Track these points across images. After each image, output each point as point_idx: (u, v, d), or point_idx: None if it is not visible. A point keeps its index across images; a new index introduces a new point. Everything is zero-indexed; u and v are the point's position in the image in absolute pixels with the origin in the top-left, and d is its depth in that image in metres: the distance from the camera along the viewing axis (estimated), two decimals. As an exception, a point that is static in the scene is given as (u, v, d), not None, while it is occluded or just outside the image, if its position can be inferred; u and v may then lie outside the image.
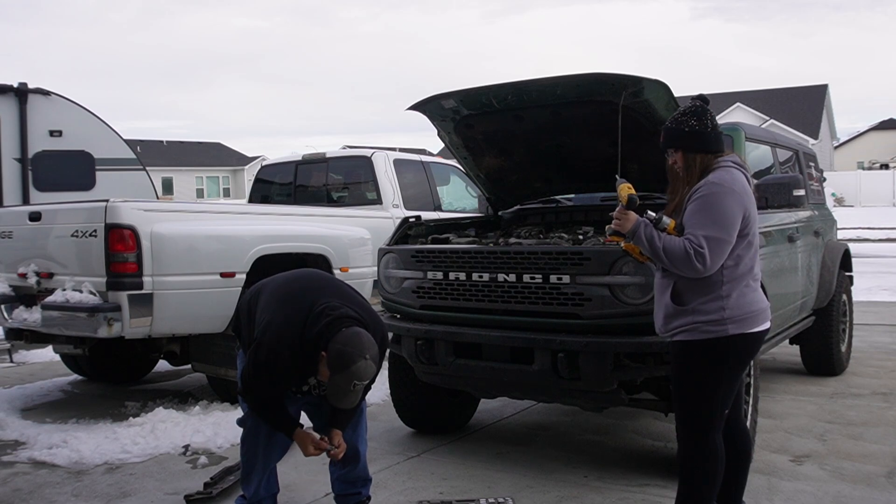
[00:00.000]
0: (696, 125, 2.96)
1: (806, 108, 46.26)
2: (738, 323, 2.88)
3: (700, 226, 2.80)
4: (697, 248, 2.77)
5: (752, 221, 2.92)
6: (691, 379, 2.94)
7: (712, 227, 2.79)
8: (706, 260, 2.77)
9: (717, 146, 2.98)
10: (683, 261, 2.79)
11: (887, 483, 3.91)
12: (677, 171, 3.00)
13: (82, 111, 9.03)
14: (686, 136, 2.96)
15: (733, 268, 2.88)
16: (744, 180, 2.93)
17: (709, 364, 2.90)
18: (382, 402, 5.55)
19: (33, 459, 4.55)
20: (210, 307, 5.19)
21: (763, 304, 2.99)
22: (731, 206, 2.82)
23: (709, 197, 2.83)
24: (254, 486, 3.40)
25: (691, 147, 2.96)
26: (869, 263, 14.66)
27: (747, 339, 2.92)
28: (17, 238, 5.56)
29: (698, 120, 2.97)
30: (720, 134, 3.00)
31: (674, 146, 3.00)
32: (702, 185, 2.87)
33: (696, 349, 2.90)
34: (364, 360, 2.94)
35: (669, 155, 3.02)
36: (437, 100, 4.52)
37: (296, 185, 7.76)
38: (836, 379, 6.20)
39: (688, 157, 2.96)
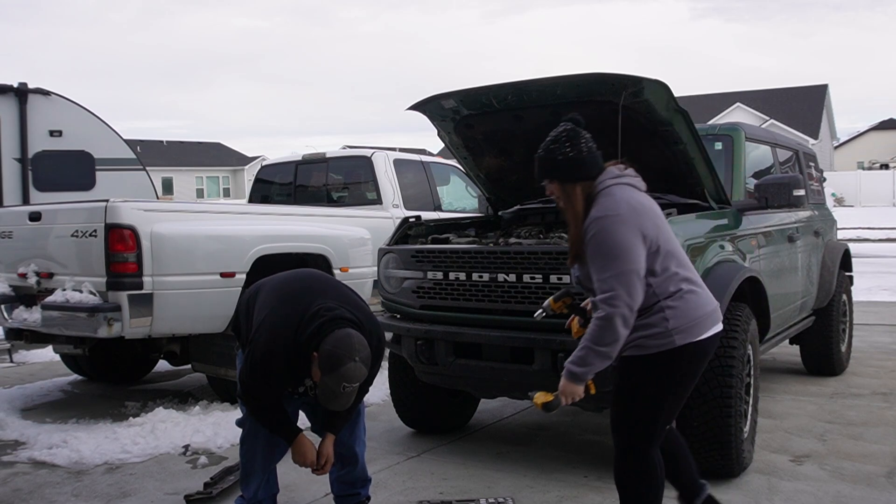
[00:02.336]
0: (571, 151, 2.75)
1: (806, 108, 46.26)
2: (685, 332, 2.72)
3: (601, 269, 2.63)
4: (609, 303, 2.60)
5: (659, 230, 2.73)
6: (639, 393, 2.80)
7: (612, 264, 2.61)
8: (622, 301, 2.60)
9: (595, 169, 2.77)
10: (613, 328, 2.61)
11: (887, 483, 3.91)
12: (559, 202, 2.80)
13: (82, 111, 9.03)
14: (560, 164, 2.75)
15: (662, 280, 2.71)
16: (629, 196, 2.73)
17: (657, 378, 2.77)
18: (382, 402, 5.55)
19: (33, 459, 4.55)
20: (210, 307, 5.19)
21: (709, 307, 2.81)
22: (622, 235, 2.62)
23: (598, 235, 2.65)
24: (253, 488, 3.40)
25: (568, 177, 2.75)
26: (869, 263, 14.66)
27: (697, 347, 2.76)
28: (17, 238, 5.56)
29: (572, 145, 2.76)
30: (598, 154, 2.81)
31: (549, 177, 2.79)
32: (589, 224, 2.68)
33: (644, 364, 2.76)
34: (353, 363, 2.93)
35: (546, 185, 2.82)
36: (437, 100, 4.52)
37: (296, 185, 7.76)
38: (836, 379, 6.20)
39: (566, 188, 2.75)
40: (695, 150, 4.20)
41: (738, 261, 4.26)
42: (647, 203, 2.78)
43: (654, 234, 2.70)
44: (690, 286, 2.78)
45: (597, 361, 2.66)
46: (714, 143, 4.99)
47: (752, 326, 4.10)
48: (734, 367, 3.77)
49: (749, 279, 4.20)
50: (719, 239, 4.16)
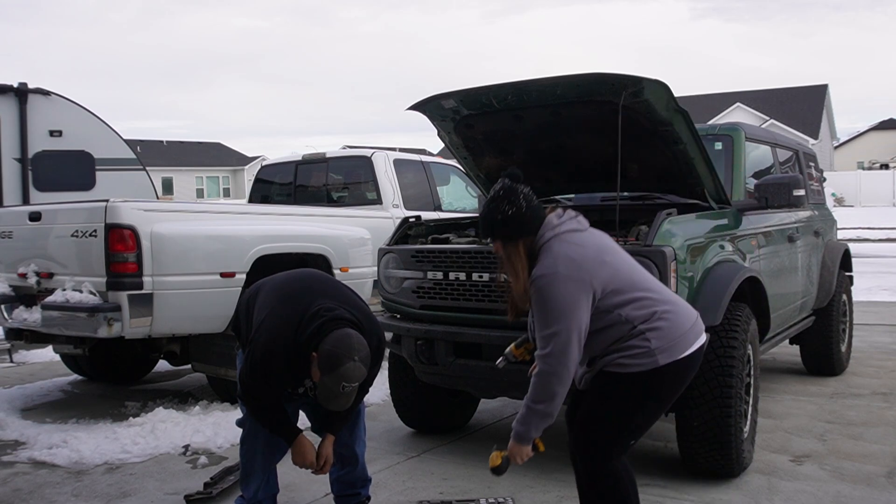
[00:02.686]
0: (509, 209, 2.71)
1: (806, 108, 46.27)
2: (668, 351, 2.68)
3: (541, 327, 2.63)
4: (545, 360, 2.61)
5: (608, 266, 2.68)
6: (615, 409, 2.74)
7: (552, 324, 2.59)
8: (557, 360, 2.58)
9: (535, 224, 2.73)
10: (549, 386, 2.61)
11: (887, 483, 3.91)
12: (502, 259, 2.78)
13: (82, 111, 9.03)
14: (500, 224, 2.73)
15: (632, 309, 2.67)
16: (567, 250, 2.66)
17: (637, 396, 2.72)
18: (382, 402, 5.55)
19: (33, 459, 4.55)
20: (210, 307, 5.19)
21: (689, 323, 2.78)
22: (562, 294, 2.58)
23: (537, 293, 2.63)
24: (253, 488, 3.40)
25: (509, 235, 2.73)
26: (869, 263, 14.66)
27: (681, 364, 2.73)
28: (17, 238, 5.56)
29: (510, 203, 2.72)
30: (537, 207, 2.77)
31: (490, 237, 2.79)
32: (531, 282, 2.66)
33: (625, 381, 2.70)
34: (352, 362, 2.93)
35: (491, 243, 2.83)
36: (437, 100, 4.52)
37: (296, 185, 7.76)
38: (836, 379, 6.20)
39: (508, 246, 2.73)
40: (695, 150, 4.20)
41: (738, 261, 4.26)
42: (591, 245, 2.72)
43: (605, 274, 2.65)
44: (665, 306, 2.74)
45: (536, 419, 2.65)
46: (714, 143, 4.99)
47: (752, 326, 4.10)
48: (734, 367, 3.77)
49: (749, 279, 4.20)
50: (719, 239, 4.16)
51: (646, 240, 3.67)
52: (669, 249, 3.61)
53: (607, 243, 2.79)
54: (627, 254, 2.86)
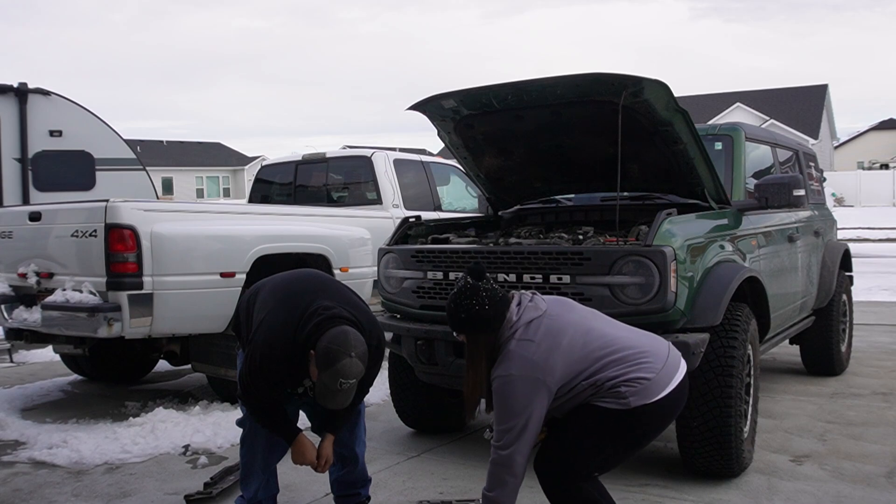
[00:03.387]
0: (473, 306, 2.85)
1: (806, 108, 46.27)
2: (639, 395, 2.76)
3: (498, 421, 2.79)
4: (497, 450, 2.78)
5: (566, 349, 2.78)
6: (586, 441, 2.82)
7: (507, 420, 2.75)
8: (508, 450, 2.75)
9: (496, 321, 2.86)
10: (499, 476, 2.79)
11: (887, 483, 3.91)
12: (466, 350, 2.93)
13: (82, 111, 9.03)
14: (464, 321, 2.88)
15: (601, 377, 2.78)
16: (523, 351, 2.78)
17: (610, 431, 2.80)
18: (382, 402, 5.55)
19: (33, 459, 4.55)
20: (210, 307, 5.19)
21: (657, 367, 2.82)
22: (515, 394, 2.74)
23: (496, 393, 2.80)
24: (253, 488, 3.40)
25: (473, 329, 2.88)
26: (869, 263, 14.66)
27: (655, 406, 2.78)
28: (17, 238, 5.56)
29: (471, 302, 2.86)
30: (499, 303, 2.87)
31: (456, 331, 2.95)
32: (492, 380, 2.83)
33: (601, 413, 2.79)
34: (349, 358, 2.93)
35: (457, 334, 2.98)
36: (437, 100, 4.52)
37: (296, 185, 7.76)
38: (836, 379, 6.20)
39: (471, 339, 2.90)
40: (695, 150, 4.20)
41: (738, 261, 4.26)
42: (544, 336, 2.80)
43: (563, 359, 2.76)
44: (632, 353, 2.82)
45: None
46: (714, 143, 4.99)
47: (752, 326, 4.10)
48: (734, 367, 3.77)
49: (749, 279, 4.20)
50: (719, 239, 4.16)
51: (646, 240, 3.67)
52: (669, 249, 3.61)
53: (562, 323, 2.85)
54: (587, 310, 2.98)
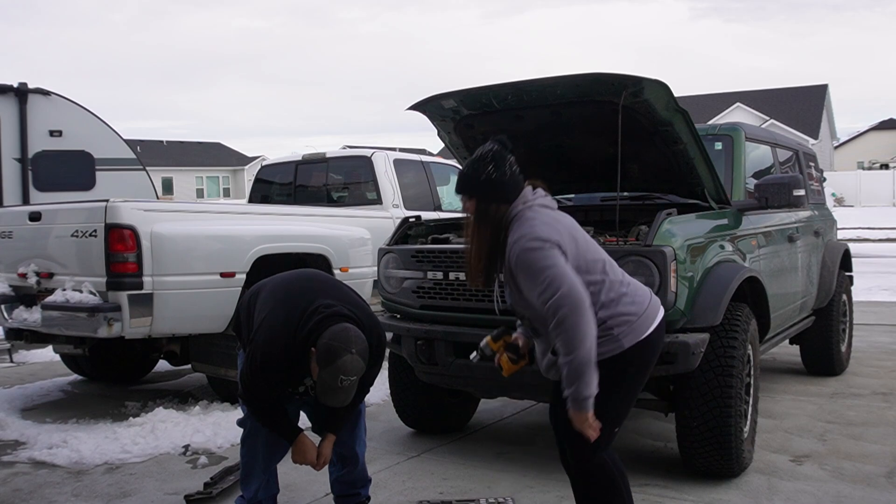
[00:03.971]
0: (494, 173, 2.71)
1: (806, 108, 46.27)
2: (631, 334, 2.70)
3: (536, 286, 2.59)
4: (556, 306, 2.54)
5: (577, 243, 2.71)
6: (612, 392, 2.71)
7: (544, 275, 2.57)
8: (568, 297, 2.53)
9: (514, 194, 2.74)
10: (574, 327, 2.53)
11: (887, 483, 3.91)
12: (469, 218, 2.77)
13: (82, 111, 9.03)
14: (482, 184, 2.72)
15: (595, 291, 2.67)
16: (542, 215, 2.71)
17: (609, 383, 2.66)
18: (382, 402, 5.55)
19: (33, 459, 4.55)
20: (210, 307, 5.19)
21: (644, 304, 2.77)
22: (544, 251, 2.60)
23: (520, 257, 2.62)
24: (253, 488, 3.40)
25: (486, 197, 2.73)
26: (869, 263, 14.66)
27: (646, 343, 2.74)
28: (17, 238, 5.56)
29: (496, 167, 2.73)
30: (519, 180, 2.78)
31: (467, 194, 2.76)
32: (510, 249, 2.66)
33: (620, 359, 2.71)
34: (350, 355, 2.93)
35: (462, 201, 2.80)
36: (437, 100, 4.52)
37: (296, 185, 7.77)
38: (836, 379, 6.20)
39: (481, 207, 2.73)
40: (695, 150, 4.20)
41: (738, 261, 4.26)
42: (561, 219, 2.78)
43: (573, 248, 2.69)
44: (623, 288, 2.76)
45: (577, 373, 2.53)
46: (714, 143, 4.99)
47: (752, 326, 4.10)
48: (734, 367, 3.77)
49: (749, 279, 4.20)
50: (719, 239, 4.16)
51: (646, 240, 3.67)
52: (669, 249, 3.61)
53: (574, 223, 2.82)
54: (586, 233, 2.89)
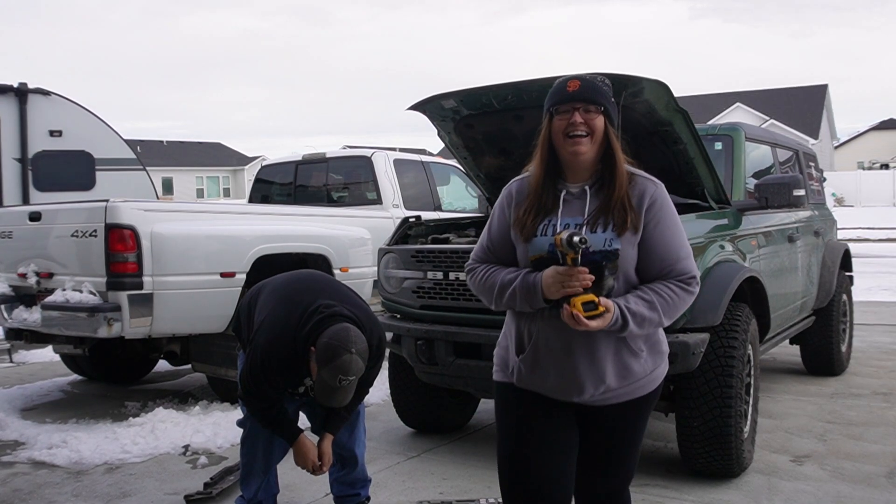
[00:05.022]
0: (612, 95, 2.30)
1: (806, 108, 46.25)
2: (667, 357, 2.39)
3: (681, 245, 2.24)
4: (695, 280, 2.24)
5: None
6: (639, 438, 2.41)
7: (686, 241, 2.27)
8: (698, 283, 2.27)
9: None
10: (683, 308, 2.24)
11: (887, 483, 3.91)
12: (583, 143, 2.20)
13: (82, 111, 9.03)
14: (613, 106, 2.27)
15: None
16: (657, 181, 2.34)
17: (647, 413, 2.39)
18: (382, 402, 5.55)
19: (33, 459, 4.55)
20: (210, 307, 5.19)
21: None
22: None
23: (665, 203, 2.25)
24: (253, 488, 3.40)
25: (612, 118, 2.26)
26: (869, 263, 14.65)
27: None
28: (17, 238, 5.56)
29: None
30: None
31: (597, 103, 2.21)
32: (646, 187, 2.24)
33: (650, 403, 2.36)
34: (350, 354, 2.93)
35: (572, 112, 2.20)
36: (437, 100, 4.52)
37: (296, 185, 7.77)
38: (836, 379, 6.20)
39: (610, 131, 2.23)
40: (695, 150, 4.20)
41: (738, 261, 4.26)
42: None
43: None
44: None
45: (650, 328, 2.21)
46: (714, 143, 4.99)
47: (752, 326, 4.10)
48: (734, 367, 3.77)
49: (749, 279, 4.20)
50: (719, 239, 4.16)
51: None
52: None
53: None
54: None
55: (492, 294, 2.30)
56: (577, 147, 2.20)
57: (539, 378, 2.28)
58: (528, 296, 2.19)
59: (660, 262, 2.21)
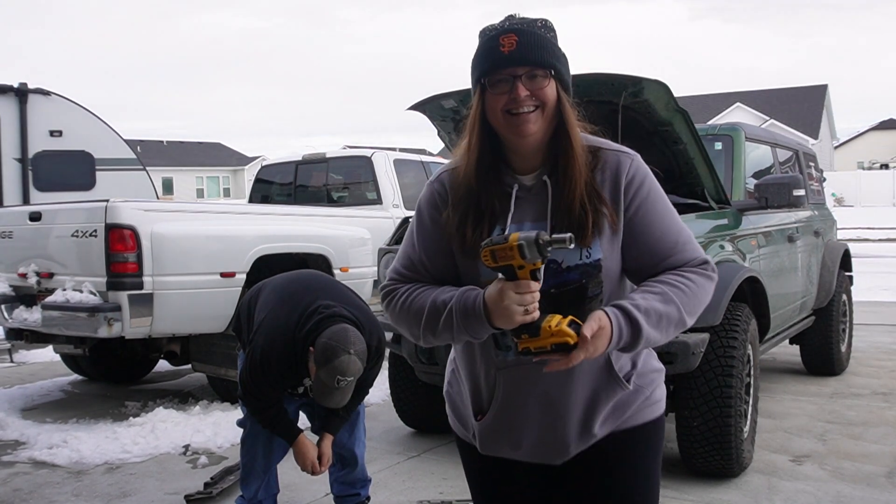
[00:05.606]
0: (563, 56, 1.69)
1: (806, 108, 46.27)
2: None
3: (679, 228, 1.71)
4: (708, 264, 1.73)
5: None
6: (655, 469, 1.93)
7: (682, 224, 1.74)
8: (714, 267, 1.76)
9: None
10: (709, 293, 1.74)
11: (887, 483, 3.91)
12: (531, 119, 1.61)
13: (82, 111, 9.04)
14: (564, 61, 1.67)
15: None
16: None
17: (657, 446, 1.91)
18: (382, 402, 5.55)
19: (33, 459, 4.55)
20: (210, 307, 5.20)
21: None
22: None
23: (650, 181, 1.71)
24: (254, 488, 3.40)
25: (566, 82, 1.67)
26: (869, 263, 14.65)
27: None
28: (17, 238, 5.56)
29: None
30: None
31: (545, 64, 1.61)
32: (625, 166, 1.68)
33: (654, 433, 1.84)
34: (348, 355, 2.93)
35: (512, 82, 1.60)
36: (437, 100, 4.52)
37: (296, 185, 7.78)
38: (836, 379, 6.20)
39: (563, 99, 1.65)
40: (695, 150, 4.20)
41: (738, 261, 4.26)
42: None
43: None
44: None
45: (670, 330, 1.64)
46: (714, 143, 4.99)
47: (752, 326, 4.10)
48: (734, 367, 3.77)
49: (749, 279, 4.20)
50: (719, 239, 4.16)
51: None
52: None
53: None
54: None
55: (419, 322, 1.65)
56: (525, 126, 1.61)
57: (509, 444, 1.77)
58: (468, 322, 1.58)
59: (651, 256, 1.67)
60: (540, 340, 1.51)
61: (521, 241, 1.45)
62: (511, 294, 1.49)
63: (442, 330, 1.63)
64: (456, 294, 1.61)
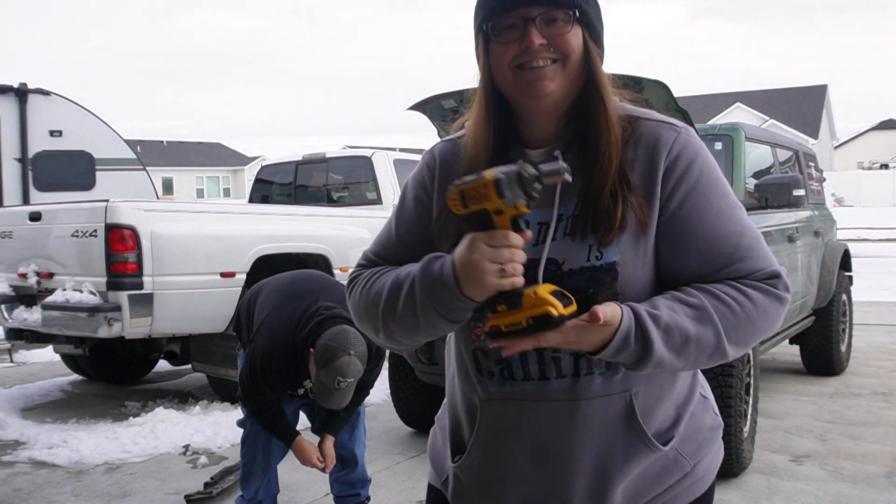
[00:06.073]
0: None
1: (806, 108, 46.27)
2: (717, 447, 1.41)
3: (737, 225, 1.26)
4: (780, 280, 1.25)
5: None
6: None
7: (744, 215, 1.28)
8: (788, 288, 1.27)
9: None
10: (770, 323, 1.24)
11: (887, 483, 3.91)
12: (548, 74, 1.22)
13: (82, 111, 9.04)
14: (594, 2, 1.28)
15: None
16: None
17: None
18: (382, 402, 5.55)
19: (33, 459, 4.55)
20: (210, 307, 5.20)
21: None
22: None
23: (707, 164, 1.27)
24: (254, 488, 3.40)
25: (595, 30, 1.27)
26: (869, 263, 14.65)
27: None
28: (17, 238, 5.56)
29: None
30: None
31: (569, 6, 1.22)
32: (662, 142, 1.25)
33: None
34: (348, 356, 2.93)
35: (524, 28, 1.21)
36: (437, 100, 4.52)
37: (296, 185, 7.77)
38: (836, 379, 6.20)
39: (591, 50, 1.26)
40: (695, 150, 4.19)
41: (738, 261, 4.25)
42: None
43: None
44: None
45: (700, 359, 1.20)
46: (714, 143, 4.99)
47: (752, 326, 4.09)
48: (734, 367, 3.77)
49: (749, 279, 4.19)
50: (719, 239, 4.15)
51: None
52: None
53: None
54: None
55: (377, 307, 1.28)
56: (540, 84, 1.23)
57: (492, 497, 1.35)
58: (433, 293, 1.19)
59: (701, 265, 1.23)
60: (517, 314, 1.11)
61: (499, 175, 1.08)
62: (482, 246, 1.09)
63: (403, 310, 1.22)
64: (421, 261, 1.23)
